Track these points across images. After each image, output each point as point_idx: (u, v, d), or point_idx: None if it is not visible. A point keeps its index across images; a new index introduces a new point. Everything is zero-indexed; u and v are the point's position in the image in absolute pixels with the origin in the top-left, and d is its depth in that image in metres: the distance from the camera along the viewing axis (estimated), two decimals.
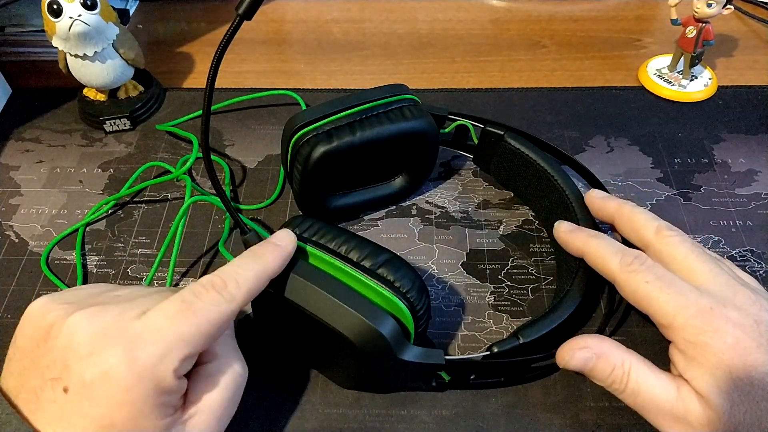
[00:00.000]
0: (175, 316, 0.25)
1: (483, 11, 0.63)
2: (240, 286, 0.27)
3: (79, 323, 0.25)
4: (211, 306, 0.26)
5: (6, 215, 0.44)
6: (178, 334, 0.25)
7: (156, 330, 0.25)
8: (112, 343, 0.24)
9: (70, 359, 0.24)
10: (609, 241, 0.33)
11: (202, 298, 0.26)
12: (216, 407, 0.27)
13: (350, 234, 0.32)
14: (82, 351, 0.24)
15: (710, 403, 0.27)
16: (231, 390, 0.28)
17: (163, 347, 0.25)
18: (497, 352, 0.32)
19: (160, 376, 0.24)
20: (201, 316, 0.26)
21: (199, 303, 0.26)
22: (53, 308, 0.26)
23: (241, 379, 0.29)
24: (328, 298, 0.29)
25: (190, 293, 0.26)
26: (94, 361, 0.24)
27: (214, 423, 0.27)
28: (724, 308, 0.28)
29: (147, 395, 0.24)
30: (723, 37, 0.58)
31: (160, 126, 0.49)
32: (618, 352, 0.30)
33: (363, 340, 0.28)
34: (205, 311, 0.26)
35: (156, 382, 0.24)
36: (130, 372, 0.24)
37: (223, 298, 0.27)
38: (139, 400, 0.24)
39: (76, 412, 0.24)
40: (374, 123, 0.37)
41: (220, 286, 0.27)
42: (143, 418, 0.24)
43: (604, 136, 0.48)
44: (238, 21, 0.29)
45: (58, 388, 0.24)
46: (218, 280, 0.27)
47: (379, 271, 0.30)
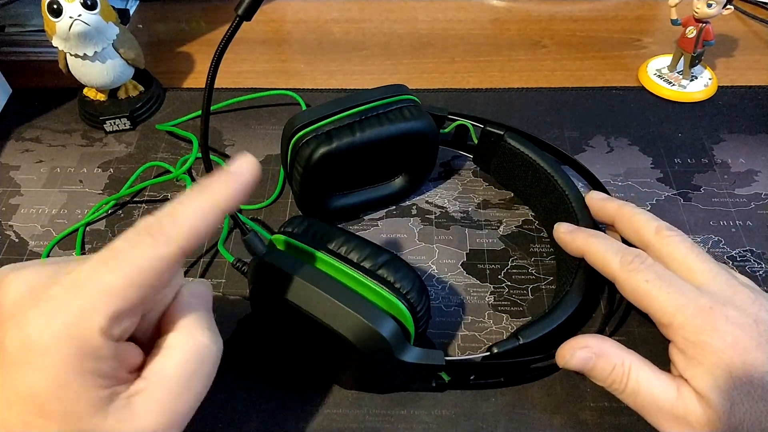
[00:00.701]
0: (99, 266, 0.22)
1: (483, 11, 0.63)
2: (178, 224, 0.23)
3: (13, 282, 0.22)
4: (143, 251, 0.22)
5: (6, 215, 0.44)
6: (101, 286, 0.21)
7: (80, 283, 0.22)
8: (33, 304, 0.21)
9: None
10: (609, 240, 0.33)
11: (131, 243, 0.22)
12: (170, 382, 0.23)
13: (350, 234, 0.32)
14: (8, 312, 0.22)
15: (710, 403, 0.27)
16: (191, 363, 0.24)
17: (84, 302, 0.21)
18: (497, 353, 0.32)
19: (82, 336, 0.21)
20: (129, 263, 0.22)
21: (128, 249, 0.22)
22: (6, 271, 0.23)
23: (206, 351, 0.24)
24: (328, 300, 0.29)
25: (120, 240, 0.23)
26: (15, 322, 0.21)
27: (170, 400, 0.23)
28: (723, 307, 0.28)
29: (67, 359, 0.21)
30: (723, 37, 0.58)
31: (160, 126, 0.49)
32: (618, 351, 0.30)
33: (363, 342, 0.28)
34: (134, 257, 0.22)
35: (77, 344, 0.21)
36: (45, 332, 0.21)
37: (156, 241, 0.22)
38: (59, 366, 0.21)
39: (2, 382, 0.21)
40: (374, 123, 0.37)
41: (155, 227, 0.23)
42: (67, 387, 0.21)
43: (604, 136, 0.48)
44: (237, 22, 0.29)
45: None
46: (152, 221, 0.23)
47: (379, 272, 0.30)
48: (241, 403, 0.34)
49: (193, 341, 0.24)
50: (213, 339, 0.25)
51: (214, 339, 0.25)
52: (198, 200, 0.24)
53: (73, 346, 0.21)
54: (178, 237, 0.23)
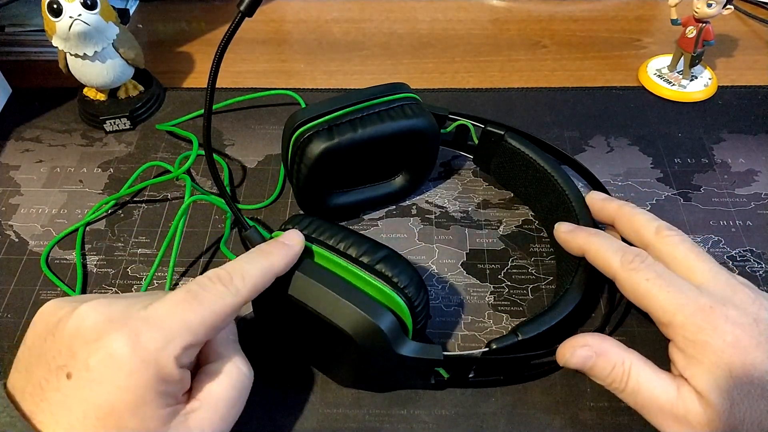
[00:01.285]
0: (179, 304, 0.26)
1: (483, 11, 0.63)
2: (246, 281, 0.28)
3: (87, 312, 0.25)
4: (216, 297, 0.27)
5: (6, 215, 0.44)
6: (181, 321, 0.25)
7: (160, 317, 0.25)
8: (118, 329, 0.24)
9: (76, 345, 0.24)
10: (610, 239, 0.33)
11: (207, 290, 0.27)
12: (220, 404, 0.27)
13: (349, 231, 0.32)
14: (89, 336, 0.24)
15: (710, 403, 0.27)
16: (236, 389, 0.28)
17: (166, 333, 0.25)
18: (496, 349, 0.32)
19: (162, 363, 0.24)
20: (205, 307, 0.26)
21: (204, 294, 0.26)
22: (63, 306, 0.26)
23: (246, 380, 0.29)
24: (326, 293, 0.29)
25: (195, 285, 0.27)
26: (99, 345, 0.24)
27: (218, 420, 0.27)
28: (723, 307, 0.28)
29: (149, 381, 0.24)
30: (723, 37, 0.58)
31: (160, 126, 0.49)
32: (618, 351, 0.30)
33: (361, 335, 0.29)
34: (209, 302, 0.26)
35: (158, 369, 0.24)
36: (134, 356, 0.24)
37: (228, 291, 0.27)
38: (141, 386, 0.24)
39: (78, 397, 0.24)
40: (375, 120, 0.37)
41: (227, 279, 0.27)
42: (144, 405, 0.24)
43: (604, 136, 0.48)
44: (239, 17, 0.29)
45: (63, 375, 0.24)
46: (224, 273, 0.28)
47: (377, 267, 0.31)
48: None
49: (237, 370, 0.28)
50: (250, 369, 0.29)
51: (250, 368, 0.29)
52: (262, 263, 0.29)
53: (154, 370, 0.24)
54: (244, 291, 0.28)
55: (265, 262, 0.29)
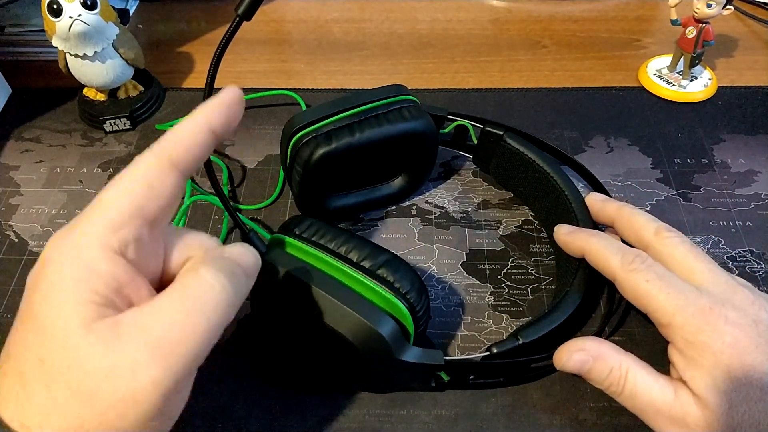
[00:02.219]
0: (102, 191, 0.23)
1: (483, 11, 0.63)
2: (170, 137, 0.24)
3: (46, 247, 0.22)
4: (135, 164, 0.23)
5: (6, 215, 0.44)
6: (99, 200, 0.23)
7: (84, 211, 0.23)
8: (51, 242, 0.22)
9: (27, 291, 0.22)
10: (610, 240, 0.33)
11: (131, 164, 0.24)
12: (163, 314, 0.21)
13: (350, 234, 0.32)
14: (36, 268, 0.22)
15: (708, 404, 0.27)
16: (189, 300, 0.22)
17: (85, 218, 0.22)
18: (497, 353, 0.32)
19: (79, 247, 0.21)
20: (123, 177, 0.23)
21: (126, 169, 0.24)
22: None
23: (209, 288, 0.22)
24: (327, 299, 0.29)
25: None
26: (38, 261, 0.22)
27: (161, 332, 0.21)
28: (723, 308, 0.28)
29: (63, 269, 0.21)
30: (723, 38, 0.58)
31: (160, 126, 0.49)
32: (615, 354, 0.30)
33: (362, 341, 0.28)
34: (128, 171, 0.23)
35: (75, 255, 0.21)
36: (54, 251, 0.22)
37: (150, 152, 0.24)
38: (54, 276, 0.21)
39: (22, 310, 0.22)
40: (373, 124, 0.37)
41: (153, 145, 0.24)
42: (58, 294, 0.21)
43: (604, 136, 0.48)
44: (237, 21, 0.29)
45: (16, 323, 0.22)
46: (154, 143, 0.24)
47: (378, 272, 0.30)
48: (241, 403, 0.34)
49: (195, 277, 0.23)
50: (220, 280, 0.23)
51: (223, 281, 0.23)
52: (190, 120, 0.24)
53: (71, 257, 0.21)
54: (169, 147, 0.23)
55: (190, 118, 0.25)
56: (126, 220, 0.22)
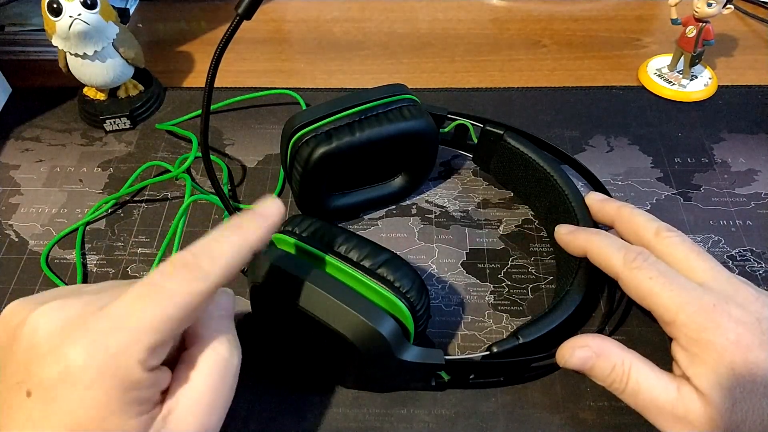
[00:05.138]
0: (138, 300, 0.23)
1: (483, 11, 0.63)
2: (215, 262, 0.24)
3: (39, 319, 0.23)
4: (180, 286, 0.23)
5: (6, 214, 0.44)
6: (142, 320, 0.22)
7: (119, 317, 0.22)
8: (72, 338, 0.22)
9: (31, 360, 0.22)
10: (612, 238, 0.33)
11: (170, 278, 0.23)
12: (197, 397, 0.24)
13: (350, 233, 0.32)
14: (42, 349, 0.22)
15: (711, 401, 0.27)
16: (215, 376, 0.25)
17: (125, 336, 0.22)
18: (497, 352, 0.32)
19: (124, 370, 0.22)
20: (168, 299, 0.23)
21: (167, 284, 0.23)
22: (20, 309, 0.24)
23: (226, 363, 0.25)
24: (327, 299, 0.29)
25: (157, 273, 0.23)
26: (53, 358, 0.22)
27: (201, 413, 0.24)
28: (726, 305, 0.28)
29: (112, 392, 0.22)
30: (723, 37, 0.58)
31: (160, 125, 0.49)
32: (618, 351, 0.30)
33: (363, 341, 0.28)
34: (173, 293, 0.23)
35: (121, 377, 0.22)
36: (90, 367, 0.21)
37: (193, 277, 0.23)
38: (104, 398, 0.21)
39: (42, 416, 0.22)
40: (373, 123, 0.37)
41: (191, 263, 0.24)
42: (113, 417, 0.22)
43: (604, 135, 0.48)
44: (237, 20, 0.29)
45: (22, 393, 0.22)
46: (189, 256, 0.24)
47: (378, 271, 0.30)
48: (241, 403, 0.34)
49: (215, 355, 0.25)
50: (233, 351, 0.26)
51: (233, 351, 0.26)
52: (232, 239, 0.25)
53: (116, 379, 0.22)
54: (213, 273, 0.24)
55: (236, 237, 0.25)
56: (167, 342, 0.23)
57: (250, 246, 0.26)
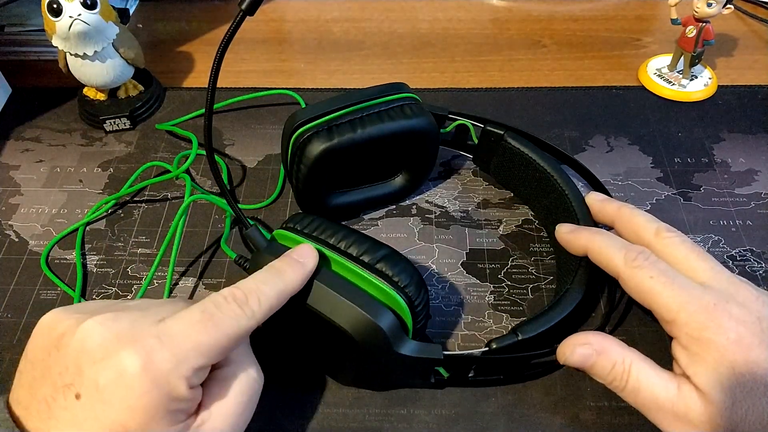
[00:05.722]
0: (194, 325, 0.25)
1: (483, 11, 0.63)
2: (261, 304, 0.27)
3: (93, 328, 0.25)
4: (232, 320, 0.26)
5: (6, 215, 0.44)
6: (195, 342, 0.25)
7: (174, 336, 0.25)
8: (128, 347, 0.24)
9: (84, 364, 0.24)
10: (612, 237, 0.33)
11: (223, 311, 0.26)
12: (229, 413, 0.27)
13: (349, 230, 0.32)
14: (96, 355, 0.24)
15: (711, 400, 0.27)
16: (245, 395, 0.28)
17: (179, 354, 0.24)
18: (496, 348, 0.32)
19: (173, 383, 0.24)
20: (220, 329, 0.26)
21: (220, 315, 0.26)
22: (64, 318, 0.26)
23: (256, 384, 0.28)
24: (327, 292, 0.29)
25: (211, 304, 0.26)
26: (109, 364, 0.24)
27: (230, 425, 0.27)
28: (727, 304, 0.28)
29: (160, 401, 0.24)
30: (723, 37, 0.58)
31: (160, 125, 0.49)
32: (619, 349, 0.30)
33: (361, 334, 0.29)
34: (225, 325, 0.26)
35: (169, 389, 0.24)
36: (145, 375, 0.23)
37: (244, 314, 0.26)
38: (152, 406, 0.24)
39: (89, 417, 0.23)
40: (375, 120, 0.37)
41: (242, 300, 0.27)
42: (155, 424, 0.24)
43: (604, 135, 0.48)
44: (240, 16, 0.29)
45: (71, 394, 0.24)
46: (240, 294, 0.27)
47: (377, 266, 0.31)
48: None
49: (246, 376, 0.28)
50: (259, 372, 0.29)
51: (259, 372, 0.29)
52: (277, 285, 0.28)
53: (165, 391, 0.24)
54: (259, 314, 0.27)
55: (280, 283, 0.28)
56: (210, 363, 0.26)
57: (290, 292, 0.29)
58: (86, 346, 0.24)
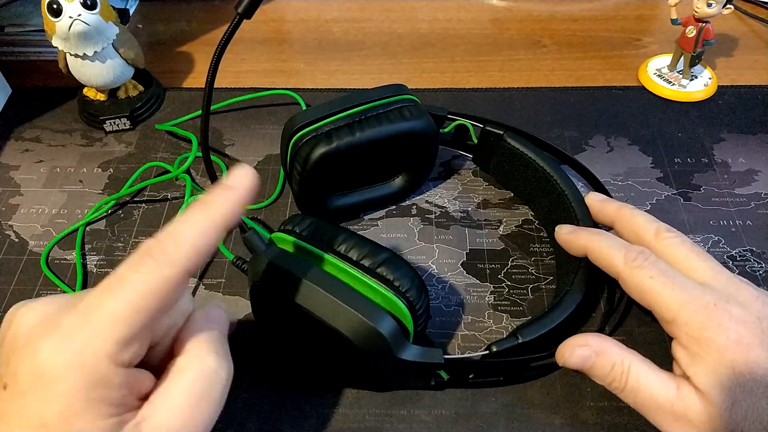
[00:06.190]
0: (103, 293, 0.22)
1: (483, 11, 0.63)
2: (180, 246, 0.23)
3: (23, 316, 0.23)
4: (145, 275, 0.22)
5: (6, 215, 0.44)
6: (107, 312, 0.22)
7: (84, 313, 0.22)
8: (44, 332, 0.22)
9: (11, 354, 0.22)
10: (612, 237, 0.33)
11: (134, 268, 0.22)
12: (177, 409, 0.23)
13: (350, 233, 0.32)
14: (20, 342, 0.22)
15: (711, 400, 0.27)
16: (198, 387, 0.23)
17: (91, 330, 0.21)
18: (496, 352, 0.32)
19: (91, 364, 0.21)
20: (132, 289, 0.22)
21: (131, 274, 0.22)
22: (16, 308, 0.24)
23: (214, 375, 0.24)
24: (327, 297, 0.29)
25: (124, 265, 0.23)
26: (27, 352, 0.21)
27: (178, 425, 0.22)
28: (727, 304, 0.28)
29: (78, 387, 0.21)
30: (723, 37, 0.58)
31: (160, 126, 0.49)
32: (618, 350, 0.30)
33: (362, 339, 0.28)
34: (136, 282, 0.22)
35: (87, 372, 0.21)
36: (57, 361, 0.21)
37: (157, 264, 0.22)
38: (68, 394, 0.20)
39: (11, 411, 0.21)
40: (373, 123, 0.37)
41: (154, 249, 0.23)
42: (77, 417, 0.21)
43: (604, 135, 0.48)
44: (237, 19, 0.29)
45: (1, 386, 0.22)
46: (153, 242, 0.23)
47: (378, 270, 0.30)
48: (240, 403, 0.34)
49: (200, 364, 0.24)
50: (221, 363, 0.25)
51: (222, 363, 0.25)
52: (197, 218, 0.24)
53: (83, 375, 0.21)
54: (180, 258, 0.23)
55: (202, 216, 0.24)
56: (137, 335, 0.22)
57: (220, 224, 0.24)
58: (16, 334, 0.22)
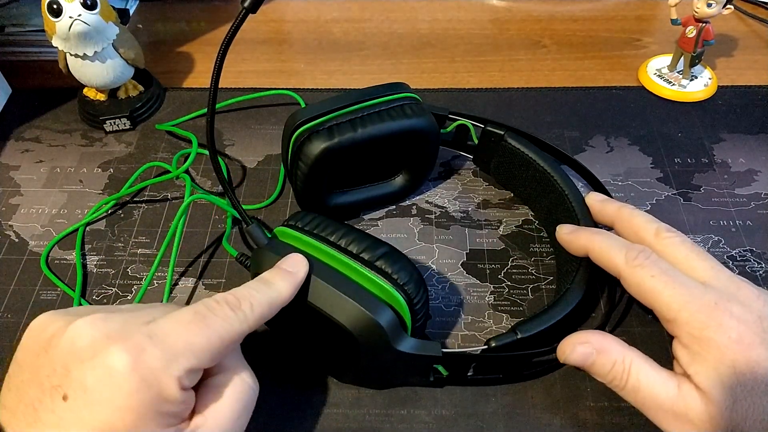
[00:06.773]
0: (186, 325, 0.25)
1: (483, 11, 0.63)
2: (254, 309, 0.27)
3: (82, 328, 0.24)
4: (224, 322, 0.26)
5: (6, 215, 0.44)
6: (187, 342, 0.25)
7: (165, 334, 0.24)
8: (117, 345, 0.23)
9: (72, 364, 0.23)
10: (613, 237, 0.33)
11: (215, 313, 0.26)
12: (224, 420, 0.26)
13: (350, 227, 0.33)
14: (85, 354, 0.23)
15: (712, 399, 0.27)
16: (241, 402, 0.27)
17: (170, 352, 0.24)
18: (495, 347, 0.32)
19: (164, 383, 0.23)
20: (212, 330, 0.25)
21: (212, 317, 0.26)
22: (55, 320, 0.25)
23: (251, 391, 0.28)
24: (327, 289, 0.29)
25: (203, 306, 0.26)
26: (97, 363, 0.23)
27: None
28: (728, 303, 0.28)
29: (150, 401, 0.23)
30: (723, 37, 0.58)
31: (160, 126, 0.49)
32: (619, 348, 0.30)
33: (360, 331, 0.29)
34: (217, 326, 0.26)
35: (160, 389, 0.23)
36: (134, 374, 0.23)
37: (236, 317, 0.26)
38: (141, 406, 0.23)
39: (75, 419, 0.23)
40: (375, 120, 0.37)
41: (235, 304, 0.27)
42: (144, 426, 0.23)
43: (604, 136, 0.48)
44: (243, 14, 0.29)
45: (58, 396, 0.23)
46: (233, 299, 0.27)
47: (377, 263, 0.31)
48: None
49: (241, 382, 0.28)
50: (254, 379, 0.28)
51: (254, 379, 0.29)
52: (269, 294, 0.28)
53: (156, 391, 0.23)
54: (251, 319, 0.27)
55: (272, 292, 0.28)
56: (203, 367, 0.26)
57: (281, 301, 0.29)
58: (75, 346, 0.24)
